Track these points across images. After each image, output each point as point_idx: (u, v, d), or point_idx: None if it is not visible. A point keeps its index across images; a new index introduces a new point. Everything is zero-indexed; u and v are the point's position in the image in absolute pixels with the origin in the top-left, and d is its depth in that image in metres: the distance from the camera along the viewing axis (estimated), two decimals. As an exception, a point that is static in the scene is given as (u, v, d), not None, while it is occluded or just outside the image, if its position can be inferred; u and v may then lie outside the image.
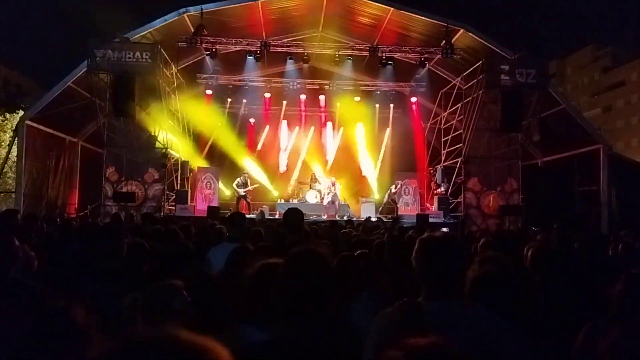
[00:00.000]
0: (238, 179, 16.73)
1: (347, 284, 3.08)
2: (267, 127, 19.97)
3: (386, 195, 17.64)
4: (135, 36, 14.85)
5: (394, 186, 17.36)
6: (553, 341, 2.56)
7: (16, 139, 14.81)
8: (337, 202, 16.89)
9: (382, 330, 1.92)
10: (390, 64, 16.81)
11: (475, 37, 15.61)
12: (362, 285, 3.22)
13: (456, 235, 4.58)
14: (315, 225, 6.96)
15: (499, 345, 1.86)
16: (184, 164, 16.80)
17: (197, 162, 17.93)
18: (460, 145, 16.13)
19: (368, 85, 18.92)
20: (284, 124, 19.98)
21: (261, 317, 1.97)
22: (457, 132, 16.70)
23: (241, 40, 16.30)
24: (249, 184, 16.74)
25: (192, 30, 15.32)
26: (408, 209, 17.86)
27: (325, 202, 17.00)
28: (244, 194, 16.57)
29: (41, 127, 14.86)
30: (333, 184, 17.09)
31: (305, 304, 1.69)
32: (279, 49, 16.62)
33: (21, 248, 3.28)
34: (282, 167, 19.81)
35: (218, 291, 3.04)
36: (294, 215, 4.41)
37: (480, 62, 15.13)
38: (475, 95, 15.36)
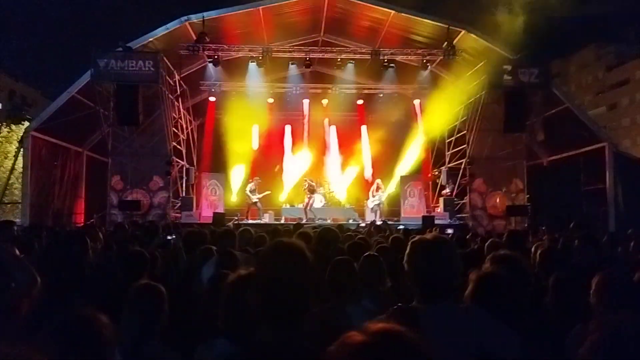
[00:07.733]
0: (250, 185, 16.68)
1: (341, 288, 3.07)
2: (271, 132, 19.96)
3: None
4: (138, 45, 14.94)
5: (370, 193, 17.26)
6: (556, 343, 2.53)
7: (22, 150, 14.92)
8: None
9: None
10: (393, 67, 16.78)
11: (477, 38, 15.58)
12: (359, 289, 3.19)
13: (448, 237, 4.55)
14: (317, 229, 6.91)
15: (495, 348, 1.83)
16: (189, 170, 16.84)
17: (202, 168, 17.96)
18: (465, 146, 16.07)
19: (371, 89, 18.88)
20: (287, 128, 19.97)
21: (239, 329, 1.92)
22: (461, 133, 16.65)
23: (243, 46, 16.36)
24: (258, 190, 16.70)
25: (195, 38, 15.40)
26: (413, 210, 17.80)
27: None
28: (256, 200, 16.53)
29: (46, 138, 14.96)
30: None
31: (284, 301, 1.57)
32: (281, 55, 16.65)
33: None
34: (287, 172, 19.77)
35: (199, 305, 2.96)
36: (329, 235, 4.61)
37: (482, 62, 15.08)
38: (478, 96, 15.31)
